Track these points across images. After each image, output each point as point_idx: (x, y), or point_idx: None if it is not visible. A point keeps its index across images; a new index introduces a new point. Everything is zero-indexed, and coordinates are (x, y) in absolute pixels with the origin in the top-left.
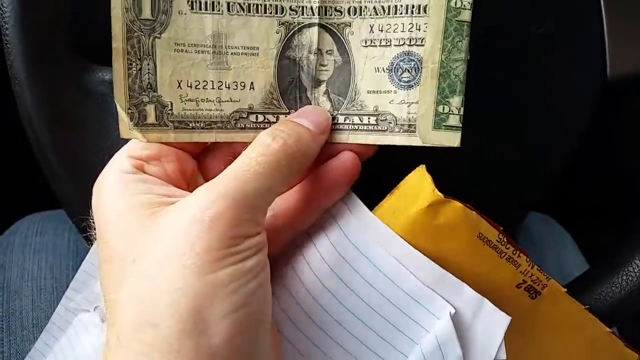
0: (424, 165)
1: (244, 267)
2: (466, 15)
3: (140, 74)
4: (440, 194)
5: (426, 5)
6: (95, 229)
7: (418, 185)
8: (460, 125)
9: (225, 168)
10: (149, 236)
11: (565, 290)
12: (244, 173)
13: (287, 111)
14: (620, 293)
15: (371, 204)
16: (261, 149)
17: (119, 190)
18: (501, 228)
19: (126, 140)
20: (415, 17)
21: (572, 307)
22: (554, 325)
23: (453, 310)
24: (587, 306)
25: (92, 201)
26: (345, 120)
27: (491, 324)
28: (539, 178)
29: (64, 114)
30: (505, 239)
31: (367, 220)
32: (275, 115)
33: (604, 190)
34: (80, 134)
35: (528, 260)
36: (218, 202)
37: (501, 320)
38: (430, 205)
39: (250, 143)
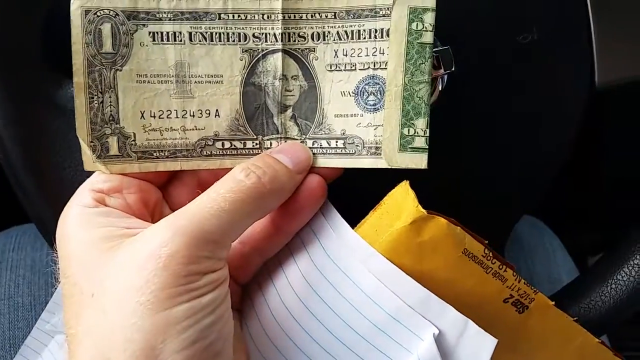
0: (408, 181)
1: (199, 303)
2: (428, 38)
3: (102, 106)
4: (423, 210)
5: (389, 29)
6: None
7: (401, 202)
8: (427, 146)
9: (191, 199)
10: (107, 271)
11: (553, 303)
12: (208, 209)
13: (254, 137)
14: (610, 302)
15: (353, 221)
16: (232, 184)
17: (80, 224)
18: (486, 242)
19: None
20: (378, 41)
21: (560, 319)
22: (543, 338)
23: (437, 331)
24: (575, 318)
25: (56, 235)
26: (313, 145)
27: (477, 347)
28: (529, 187)
29: (35, 132)
30: (491, 254)
31: (349, 238)
32: (242, 142)
33: (592, 195)
34: (51, 151)
35: (515, 274)
36: (175, 239)
37: (487, 343)
38: (414, 222)
39: (216, 170)
